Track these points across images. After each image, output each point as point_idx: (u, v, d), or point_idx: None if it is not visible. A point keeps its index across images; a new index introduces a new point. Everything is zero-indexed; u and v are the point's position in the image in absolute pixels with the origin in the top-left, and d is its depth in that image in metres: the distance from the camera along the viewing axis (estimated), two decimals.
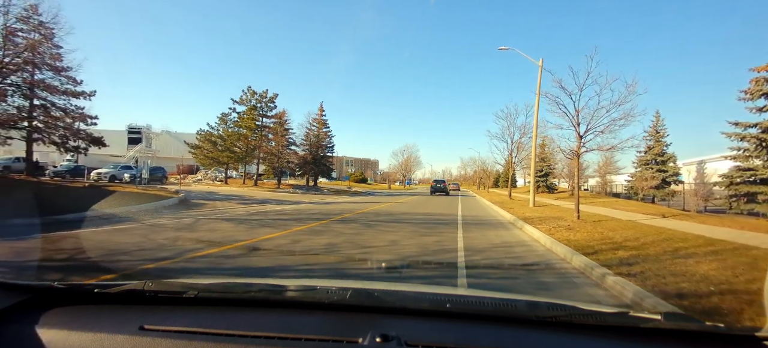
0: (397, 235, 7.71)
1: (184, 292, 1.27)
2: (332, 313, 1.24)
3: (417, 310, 1.27)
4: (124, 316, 1.16)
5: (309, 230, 7.92)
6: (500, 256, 5.95)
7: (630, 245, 6.25)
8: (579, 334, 1.13)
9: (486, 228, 9.97)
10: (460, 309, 1.27)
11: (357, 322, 1.14)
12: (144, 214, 9.51)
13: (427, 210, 15.37)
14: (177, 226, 7.81)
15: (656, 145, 28.63)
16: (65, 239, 5.87)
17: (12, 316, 1.14)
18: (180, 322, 1.12)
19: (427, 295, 1.50)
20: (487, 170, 70.25)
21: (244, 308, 1.26)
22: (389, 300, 1.32)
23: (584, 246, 6.18)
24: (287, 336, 1.05)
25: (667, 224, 10.04)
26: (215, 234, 7.02)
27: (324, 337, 1.05)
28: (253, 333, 1.06)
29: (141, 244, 5.65)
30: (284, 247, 5.87)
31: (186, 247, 5.53)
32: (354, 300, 1.30)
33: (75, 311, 1.20)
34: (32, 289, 1.26)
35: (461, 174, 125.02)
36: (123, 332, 1.05)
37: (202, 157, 31.50)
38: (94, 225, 7.40)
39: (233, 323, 1.12)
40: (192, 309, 1.25)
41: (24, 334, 1.07)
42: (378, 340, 1.00)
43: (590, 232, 8.12)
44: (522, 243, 7.63)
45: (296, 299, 1.34)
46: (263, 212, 11.74)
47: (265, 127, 33.24)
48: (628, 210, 15.97)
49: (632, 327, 1.14)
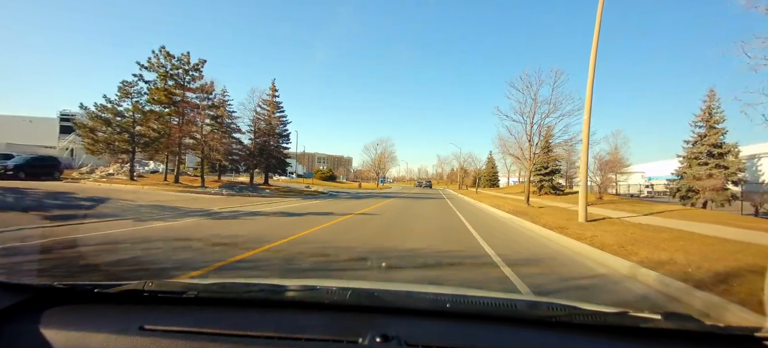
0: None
1: (184, 292, 1.27)
2: (332, 312, 1.22)
3: (417, 309, 1.25)
4: (124, 316, 1.15)
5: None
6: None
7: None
8: (579, 334, 1.12)
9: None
10: (460, 309, 1.26)
11: (357, 322, 1.14)
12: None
13: (409, 236, 7.65)
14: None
15: (710, 133, 22.11)
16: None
17: (12, 315, 1.13)
18: (180, 322, 1.11)
19: (427, 295, 1.46)
20: (467, 169, 63.95)
21: (244, 308, 1.25)
22: (389, 300, 1.31)
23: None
24: (287, 336, 1.05)
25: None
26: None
27: (324, 337, 1.05)
28: (253, 333, 1.06)
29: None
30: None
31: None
32: (354, 300, 1.28)
33: (75, 311, 1.19)
34: (32, 289, 1.25)
35: (437, 173, 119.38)
36: (123, 332, 1.04)
37: (91, 142, 22.30)
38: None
39: (233, 323, 1.12)
40: (192, 309, 1.24)
41: (24, 333, 1.06)
42: (378, 340, 1.00)
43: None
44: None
45: (296, 299, 1.32)
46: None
47: (187, 103, 24.41)
48: (730, 225, 9.00)
49: (632, 327, 1.13)
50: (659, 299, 3.75)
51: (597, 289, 4.14)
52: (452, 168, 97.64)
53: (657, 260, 5.12)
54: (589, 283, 4.33)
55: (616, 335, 1.10)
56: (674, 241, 7.02)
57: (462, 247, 6.42)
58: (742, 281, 3.89)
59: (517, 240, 7.73)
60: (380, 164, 62.50)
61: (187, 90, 24.40)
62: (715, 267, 4.67)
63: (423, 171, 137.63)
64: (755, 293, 3.39)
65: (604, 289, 4.12)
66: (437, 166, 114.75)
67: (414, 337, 1.04)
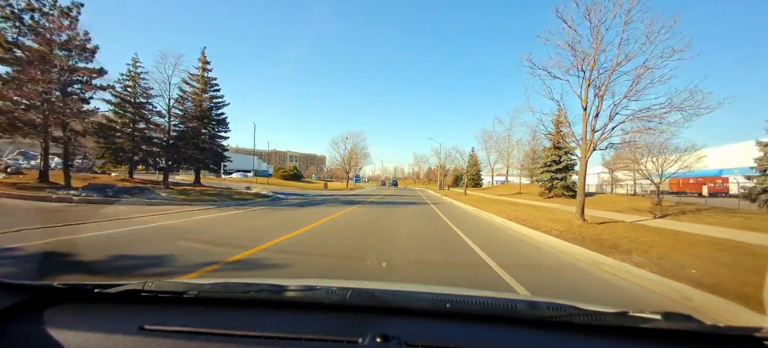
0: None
1: (184, 292, 1.26)
2: (332, 313, 1.22)
3: (417, 310, 1.24)
4: (124, 316, 1.15)
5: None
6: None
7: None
8: (579, 334, 1.12)
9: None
10: (460, 309, 1.25)
11: (357, 322, 1.14)
12: None
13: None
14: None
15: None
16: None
17: (12, 315, 1.13)
18: (180, 322, 1.11)
19: (427, 295, 1.43)
20: (446, 168, 57.63)
21: (244, 308, 1.24)
22: (389, 300, 1.29)
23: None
24: (287, 336, 1.05)
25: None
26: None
27: (324, 337, 1.04)
28: (253, 333, 1.06)
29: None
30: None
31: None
32: (354, 300, 1.27)
33: (75, 311, 1.19)
34: (32, 289, 1.24)
35: (414, 171, 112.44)
36: (123, 332, 1.04)
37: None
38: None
39: (233, 323, 1.11)
40: (192, 309, 1.24)
41: (24, 333, 1.06)
42: (378, 340, 1.01)
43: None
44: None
45: (296, 299, 1.31)
46: None
47: (46, 60, 15.96)
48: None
49: (632, 327, 1.11)
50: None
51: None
52: (430, 167, 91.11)
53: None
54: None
55: (616, 335, 1.09)
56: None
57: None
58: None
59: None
60: (351, 162, 55.03)
61: (45, 41, 15.98)
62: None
63: (399, 170, 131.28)
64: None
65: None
66: (414, 165, 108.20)
67: (414, 337, 1.04)
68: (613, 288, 4.23)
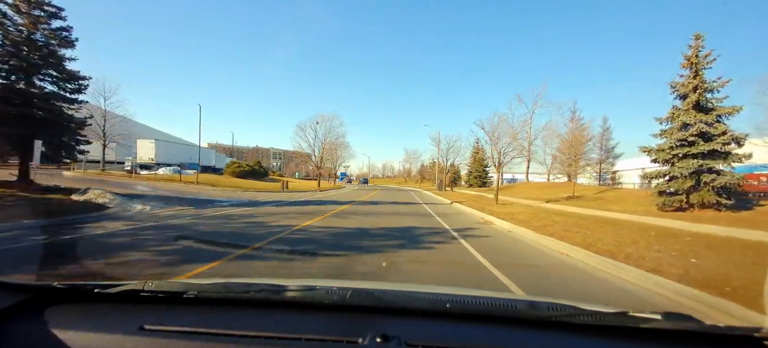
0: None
1: (184, 292, 1.25)
2: (332, 312, 1.20)
3: (417, 310, 1.21)
4: (124, 316, 1.13)
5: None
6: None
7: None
8: (579, 334, 1.10)
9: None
10: (460, 309, 1.23)
11: (357, 322, 1.12)
12: None
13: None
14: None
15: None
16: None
17: (12, 315, 1.11)
18: (180, 322, 1.10)
19: (427, 295, 1.41)
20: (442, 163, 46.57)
21: (244, 308, 1.23)
22: (389, 300, 1.27)
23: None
24: (287, 336, 1.03)
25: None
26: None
27: (324, 337, 1.03)
28: (253, 333, 1.04)
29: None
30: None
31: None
32: (354, 300, 1.25)
33: (75, 311, 1.17)
34: (32, 289, 1.23)
35: (405, 169, 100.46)
36: (123, 332, 1.02)
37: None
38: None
39: (233, 323, 1.10)
40: (192, 309, 1.22)
41: (24, 333, 1.05)
42: (378, 340, 0.98)
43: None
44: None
45: (296, 299, 1.29)
46: None
47: None
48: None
49: (632, 327, 1.09)
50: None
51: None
52: (422, 163, 79.17)
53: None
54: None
55: (615, 335, 1.08)
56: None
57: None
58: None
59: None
60: (328, 153, 43.11)
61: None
62: None
63: (388, 167, 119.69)
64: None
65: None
66: (404, 162, 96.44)
67: (414, 337, 1.02)
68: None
